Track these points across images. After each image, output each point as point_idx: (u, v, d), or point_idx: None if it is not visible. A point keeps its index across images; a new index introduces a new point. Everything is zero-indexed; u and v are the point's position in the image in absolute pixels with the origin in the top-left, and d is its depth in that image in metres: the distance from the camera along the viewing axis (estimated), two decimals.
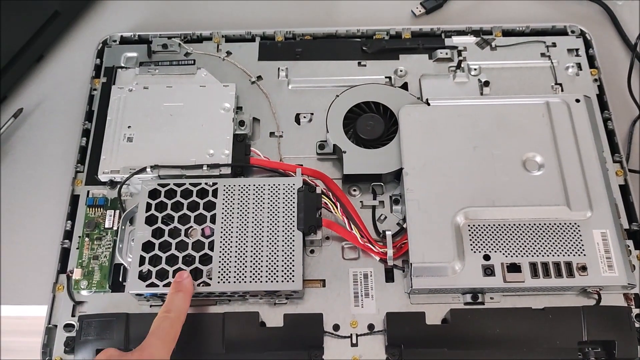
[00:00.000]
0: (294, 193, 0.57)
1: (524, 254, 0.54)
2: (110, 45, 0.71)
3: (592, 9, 0.77)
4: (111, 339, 0.52)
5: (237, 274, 0.53)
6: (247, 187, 0.57)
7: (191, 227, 0.55)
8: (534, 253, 0.54)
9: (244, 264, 0.54)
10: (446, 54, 0.68)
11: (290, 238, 0.55)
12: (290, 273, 0.53)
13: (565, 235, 0.55)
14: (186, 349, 0.52)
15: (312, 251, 0.58)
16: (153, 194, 0.57)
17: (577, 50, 0.69)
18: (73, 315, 0.55)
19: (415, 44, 0.70)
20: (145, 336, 0.50)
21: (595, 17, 0.76)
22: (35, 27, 0.70)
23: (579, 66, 0.68)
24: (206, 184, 0.57)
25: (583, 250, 0.54)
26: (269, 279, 0.53)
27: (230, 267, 0.53)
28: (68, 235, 0.59)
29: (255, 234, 0.55)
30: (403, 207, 0.58)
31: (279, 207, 0.56)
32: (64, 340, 0.54)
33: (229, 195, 0.57)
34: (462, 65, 0.67)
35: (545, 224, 0.55)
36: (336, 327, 0.55)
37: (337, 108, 0.63)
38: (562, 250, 0.54)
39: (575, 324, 0.52)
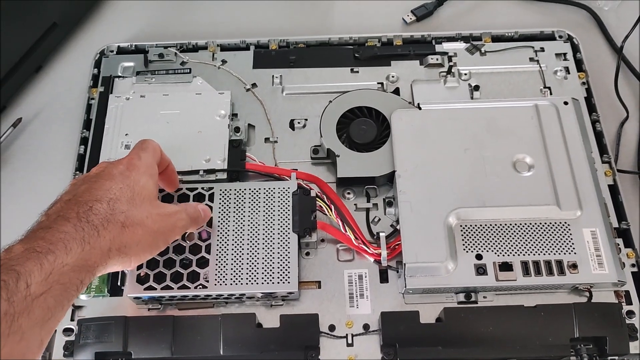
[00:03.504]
0: (288, 196, 0.58)
1: (516, 253, 0.55)
2: (107, 55, 0.72)
3: (579, 14, 0.78)
4: (110, 342, 0.53)
5: (234, 277, 0.54)
6: (242, 191, 0.58)
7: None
8: (526, 252, 0.55)
9: (240, 266, 0.54)
10: (437, 59, 0.70)
11: (286, 240, 0.56)
12: (286, 275, 0.54)
13: (555, 234, 0.56)
14: (184, 350, 0.52)
15: (307, 253, 0.59)
16: None
17: (564, 54, 0.70)
18: (72, 320, 0.56)
19: (407, 51, 0.71)
20: (144, 340, 0.52)
21: (582, 22, 0.77)
22: (33, 38, 0.72)
23: (567, 70, 0.69)
24: (202, 188, 0.58)
25: (573, 248, 0.55)
26: (265, 280, 0.54)
27: (227, 269, 0.54)
28: None
29: (251, 237, 0.56)
30: (396, 209, 0.59)
31: (274, 211, 0.57)
32: (63, 344, 0.55)
33: (225, 199, 0.58)
34: (452, 71, 0.69)
35: (535, 224, 0.56)
36: (332, 328, 0.55)
37: (330, 113, 0.64)
38: (553, 249, 0.55)
39: (567, 321, 0.53)
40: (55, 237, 0.41)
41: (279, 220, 0.56)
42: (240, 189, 0.58)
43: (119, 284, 0.58)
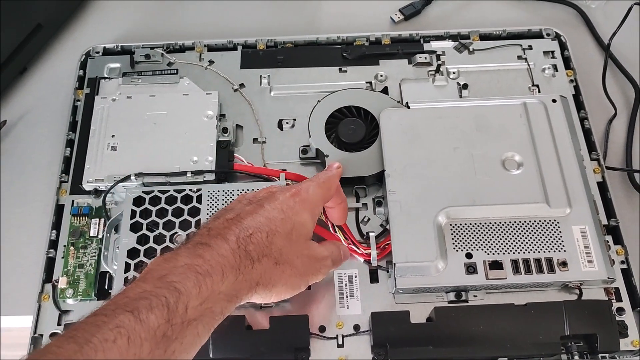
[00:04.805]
0: None
1: (506, 251, 0.55)
2: (93, 56, 0.71)
3: (566, 12, 0.79)
4: None
5: None
6: (230, 192, 0.57)
7: (176, 233, 0.56)
8: (515, 250, 0.55)
9: None
10: (425, 58, 0.70)
11: None
12: None
13: (545, 232, 0.56)
14: None
15: None
16: (137, 201, 0.57)
17: (552, 52, 0.70)
18: (59, 324, 0.55)
19: (395, 50, 0.71)
20: None
21: (570, 19, 0.78)
22: (18, 40, 0.71)
23: (555, 67, 0.69)
24: (190, 190, 0.58)
25: (563, 246, 0.55)
26: None
27: None
28: (53, 244, 0.59)
29: None
30: (385, 208, 0.59)
31: None
32: None
33: (213, 200, 0.57)
34: (441, 69, 0.68)
35: (525, 222, 0.56)
36: (322, 329, 0.55)
37: (319, 113, 0.64)
38: (543, 247, 0.55)
39: (557, 319, 0.53)
40: (215, 260, 0.41)
41: None
42: (228, 190, 0.58)
43: (106, 287, 0.57)
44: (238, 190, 0.57)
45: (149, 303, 0.37)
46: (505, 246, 0.55)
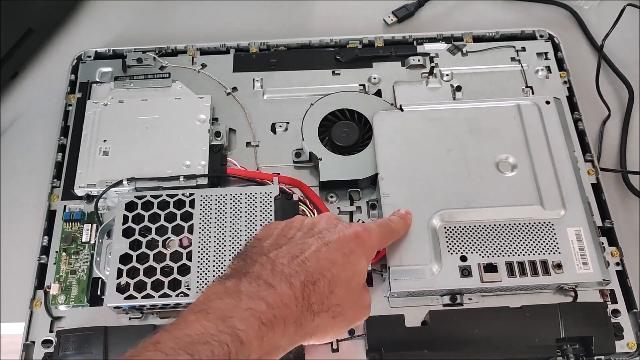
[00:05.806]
0: (270, 201, 0.57)
1: (500, 253, 0.55)
2: (84, 60, 0.71)
3: (559, 13, 0.79)
4: (90, 353, 0.52)
5: None
6: (224, 197, 0.57)
7: (169, 238, 0.55)
8: (510, 253, 0.55)
9: (222, 273, 0.53)
10: (418, 60, 0.69)
11: None
12: None
13: (539, 234, 0.56)
14: None
15: None
16: (130, 206, 0.57)
17: (546, 53, 0.70)
18: (51, 331, 0.55)
19: (388, 52, 0.70)
20: (125, 350, 0.51)
21: (563, 21, 0.78)
22: (9, 44, 0.70)
23: (549, 69, 0.69)
24: (183, 194, 0.57)
25: (558, 248, 0.55)
26: None
27: (208, 276, 0.53)
28: (45, 250, 0.59)
29: (232, 243, 0.55)
30: (380, 211, 0.59)
31: (256, 216, 0.56)
32: (42, 356, 0.54)
33: (206, 205, 0.57)
34: (434, 71, 0.68)
35: (519, 224, 0.56)
36: None
37: (312, 116, 0.64)
38: (537, 249, 0.55)
39: (552, 322, 0.53)
40: (278, 310, 0.40)
41: (261, 225, 0.56)
42: (221, 194, 0.57)
43: (98, 293, 0.57)
44: (231, 194, 0.57)
45: (210, 350, 0.36)
46: (499, 249, 0.55)
